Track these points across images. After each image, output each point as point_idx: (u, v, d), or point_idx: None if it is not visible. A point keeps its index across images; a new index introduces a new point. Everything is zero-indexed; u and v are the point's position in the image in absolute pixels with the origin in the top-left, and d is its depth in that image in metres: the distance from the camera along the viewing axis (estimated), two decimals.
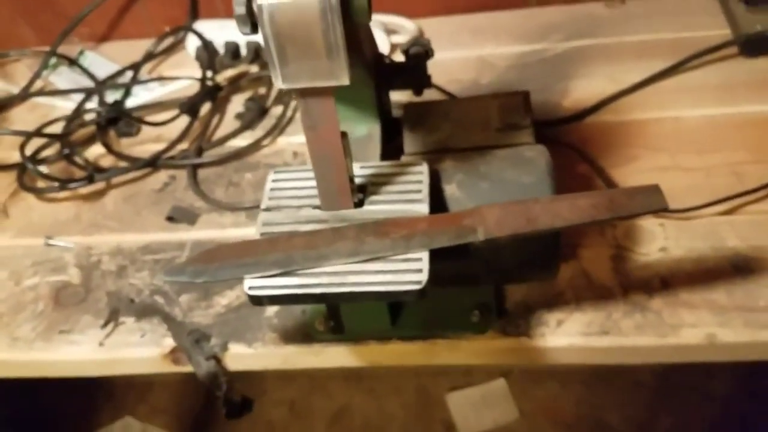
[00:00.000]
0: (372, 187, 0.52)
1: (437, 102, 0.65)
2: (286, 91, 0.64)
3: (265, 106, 0.83)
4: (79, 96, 0.88)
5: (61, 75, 0.94)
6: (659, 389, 1.24)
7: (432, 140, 0.58)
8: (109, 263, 0.68)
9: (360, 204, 0.51)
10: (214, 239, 0.69)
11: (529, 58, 0.84)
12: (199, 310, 0.62)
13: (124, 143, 0.83)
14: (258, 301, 0.47)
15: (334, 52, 0.42)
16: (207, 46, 0.89)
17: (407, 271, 0.46)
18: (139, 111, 0.85)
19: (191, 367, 0.59)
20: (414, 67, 0.62)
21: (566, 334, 0.56)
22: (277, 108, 0.83)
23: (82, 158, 0.79)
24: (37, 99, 0.91)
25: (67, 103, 0.89)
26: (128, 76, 0.91)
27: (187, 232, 0.70)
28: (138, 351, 0.60)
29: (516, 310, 0.58)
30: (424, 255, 0.46)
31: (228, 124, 0.83)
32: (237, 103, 0.85)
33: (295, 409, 1.33)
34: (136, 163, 0.78)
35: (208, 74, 0.87)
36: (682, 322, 0.55)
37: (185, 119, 0.82)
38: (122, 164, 0.78)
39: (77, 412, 1.30)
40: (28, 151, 0.79)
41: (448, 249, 0.47)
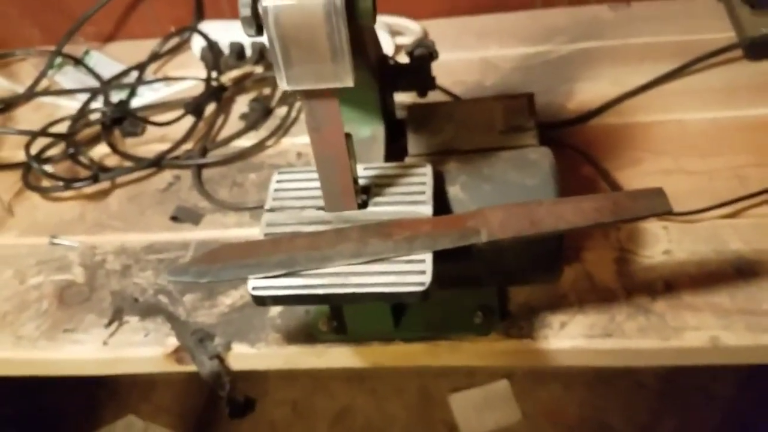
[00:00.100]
0: (375, 189, 0.52)
1: (441, 104, 0.65)
2: (291, 92, 0.64)
3: (269, 106, 0.83)
4: (84, 96, 0.89)
5: (66, 75, 0.94)
6: (662, 391, 1.23)
7: (436, 142, 0.58)
8: (114, 262, 0.68)
9: (363, 205, 0.51)
10: (218, 239, 0.69)
11: (534, 60, 0.84)
12: (203, 310, 0.62)
13: (128, 143, 0.83)
14: (261, 302, 0.47)
15: (338, 54, 0.42)
16: (212, 46, 0.90)
17: (410, 273, 0.46)
18: (144, 111, 0.86)
19: (195, 367, 0.59)
20: (418, 68, 0.62)
21: (569, 337, 0.55)
22: (281, 109, 0.83)
23: (86, 158, 0.80)
24: (42, 98, 0.91)
25: (72, 103, 0.89)
26: (133, 76, 0.92)
27: (191, 232, 0.70)
28: (142, 350, 0.61)
29: (519, 312, 0.58)
30: (428, 256, 0.46)
31: (232, 124, 0.83)
32: (241, 104, 0.85)
33: (298, 409, 1.33)
34: (141, 162, 0.78)
35: (213, 75, 0.87)
36: (685, 324, 0.55)
37: (190, 119, 0.82)
38: (127, 164, 0.79)
39: (80, 410, 1.30)
40: (33, 150, 0.79)
41: (451, 250, 0.47)
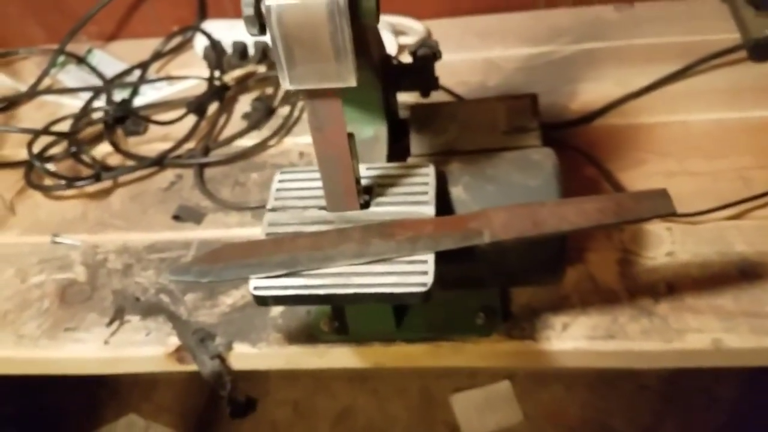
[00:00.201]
0: (378, 189, 0.52)
1: (444, 104, 0.65)
2: (293, 91, 0.64)
3: (272, 106, 0.83)
4: (86, 94, 0.89)
5: (69, 73, 0.94)
6: (665, 393, 1.23)
7: (439, 142, 0.57)
8: (115, 261, 0.68)
9: (366, 205, 0.51)
10: (219, 239, 0.69)
11: (537, 61, 0.84)
12: (204, 310, 0.62)
13: (131, 142, 0.83)
14: (263, 302, 0.47)
15: (341, 53, 0.42)
16: (215, 45, 0.89)
17: (413, 273, 0.45)
18: (147, 110, 0.86)
19: (196, 366, 0.59)
20: (421, 68, 0.61)
21: (572, 338, 0.55)
22: (284, 108, 0.83)
23: (89, 156, 0.80)
24: (45, 97, 0.91)
25: (74, 102, 0.89)
26: (136, 75, 0.92)
27: (193, 232, 0.70)
28: (143, 350, 0.60)
29: (521, 313, 0.57)
30: (430, 257, 0.46)
31: (235, 123, 0.83)
32: (244, 103, 0.85)
33: (299, 410, 1.33)
34: (143, 161, 0.78)
35: (216, 74, 0.87)
36: (688, 327, 0.54)
37: (192, 119, 0.82)
38: (129, 163, 0.79)
39: (81, 409, 1.30)
40: (36, 148, 0.79)
41: (453, 251, 0.47)
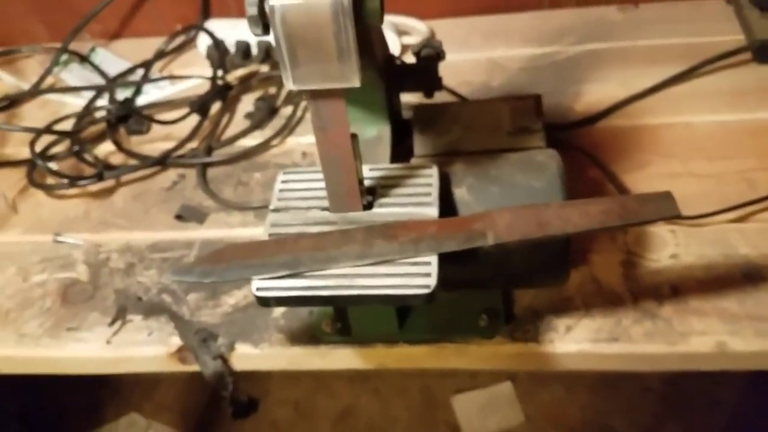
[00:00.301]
0: (381, 190, 0.52)
1: (448, 104, 0.65)
2: (297, 92, 0.64)
3: (275, 105, 0.83)
4: (89, 93, 0.88)
5: (72, 72, 0.94)
6: (667, 395, 1.23)
7: (442, 143, 0.57)
8: (118, 261, 0.68)
9: (369, 206, 0.51)
10: (222, 238, 0.69)
11: (541, 61, 0.84)
12: (207, 310, 0.62)
13: (134, 141, 0.83)
14: (265, 303, 0.47)
15: (345, 54, 0.41)
16: (218, 45, 0.89)
17: (416, 275, 0.45)
18: (150, 109, 0.85)
19: (198, 367, 0.59)
20: (425, 69, 0.61)
21: (575, 341, 0.55)
22: (286, 108, 0.83)
23: (91, 155, 0.80)
24: (47, 95, 0.91)
25: (77, 100, 0.89)
26: (139, 74, 0.91)
27: (196, 231, 0.70)
28: (145, 349, 0.60)
29: (524, 315, 0.57)
30: (433, 259, 0.46)
31: (238, 123, 0.83)
32: (247, 103, 0.85)
33: (300, 409, 1.33)
34: (146, 161, 0.78)
35: (219, 73, 0.87)
36: (692, 329, 0.54)
37: (195, 118, 0.82)
38: (132, 162, 0.78)
39: (83, 407, 1.30)
40: (38, 147, 0.79)
41: (457, 253, 0.46)
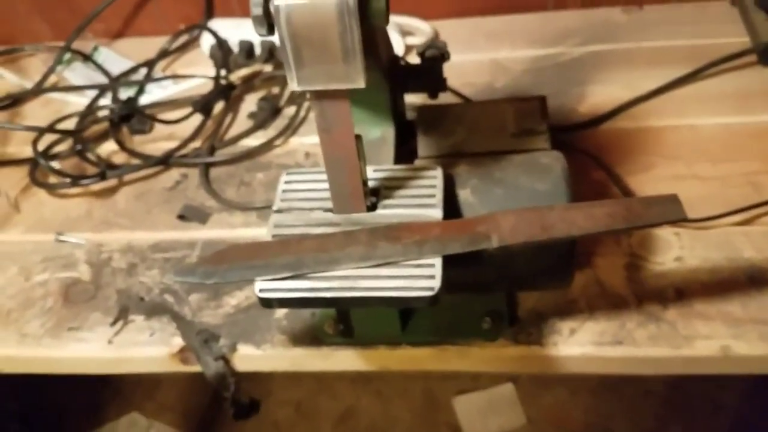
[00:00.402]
0: (385, 191, 0.51)
1: (452, 105, 0.64)
2: (300, 92, 0.63)
3: (278, 105, 0.83)
4: (92, 92, 0.88)
5: (75, 71, 0.94)
6: (669, 398, 1.23)
7: (446, 144, 0.57)
8: (120, 261, 0.68)
9: (373, 208, 0.50)
10: (224, 239, 0.68)
11: (545, 63, 0.84)
12: (209, 310, 0.62)
13: (136, 140, 0.83)
14: (268, 304, 0.47)
15: (350, 54, 0.41)
16: (221, 44, 0.89)
17: (420, 277, 0.45)
18: (153, 108, 0.85)
19: (200, 368, 0.59)
20: (429, 69, 0.61)
21: (579, 344, 0.55)
22: (290, 108, 0.82)
23: (94, 155, 0.79)
24: (50, 94, 0.91)
25: (80, 99, 0.89)
26: (142, 73, 0.91)
27: (198, 231, 0.70)
28: (147, 350, 0.60)
29: (528, 318, 0.57)
30: (437, 261, 0.46)
31: (241, 123, 0.82)
32: (250, 103, 0.85)
33: (302, 410, 1.33)
34: (149, 160, 0.77)
35: (222, 73, 0.87)
36: (697, 333, 0.54)
37: (198, 117, 0.81)
38: (134, 161, 0.78)
39: (84, 407, 1.30)
40: (41, 146, 0.79)
41: (461, 255, 0.46)
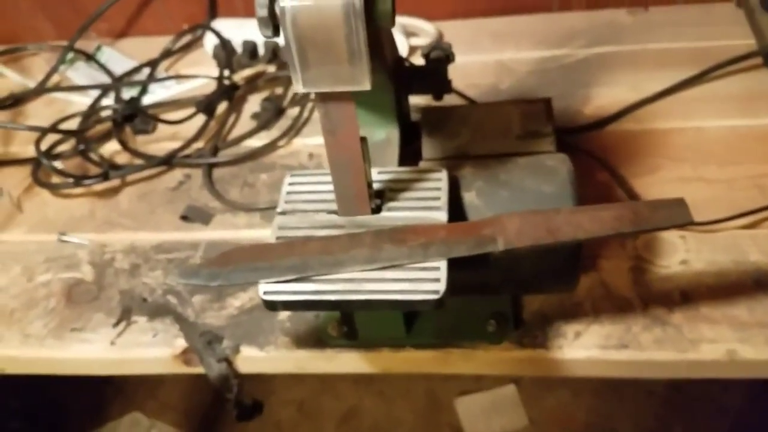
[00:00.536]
0: (390, 193, 0.51)
1: (457, 107, 0.64)
2: (304, 94, 0.63)
3: (281, 106, 0.82)
4: (95, 92, 0.88)
5: (78, 70, 0.93)
6: (672, 400, 1.22)
7: (451, 146, 0.57)
8: (123, 261, 0.68)
9: (377, 210, 0.50)
10: (228, 240, 0.68)
11: (550, 64, 0.83)
12: (212, 312, 0.62)
13: (139, 140, 0.82)
14: (273, 307, 0.47)
15: (356, 56, 0.41)
16: (225, 44, 0.89)
17: (425, 280, 0.45)
18: (156, 108, 0.85)
19: (202, 369, 0.59)
20: (434, 71, 0.61)
21: (584, 347, 0.55)
22: (293, 109, 0.82)
23: (97, 155, 0.79)
24: (53, 94, 0.91)
25: (83, 99, 0.88)
26: (145, 73, 0.91)
27: (201, 232, 0.70)
28: (149, 351, 0.60)
29: (533, 321, 0.57)
30: (442, 264, 0.45)
31: (244, 123, 0.82)
32: (253, 103, 0.84)
33: (304, 410, 1.33)
34: (152, 160, 0.77)
35: (226, 73, 0.86)
36: (703, 337, 0.54)
37: (201, 118, 0.81)
38: (137, 162, 0.78)
39: (86, 406, 1.30)
40: (44, 146, 0.78)
41: (466, 258, 0.46)
